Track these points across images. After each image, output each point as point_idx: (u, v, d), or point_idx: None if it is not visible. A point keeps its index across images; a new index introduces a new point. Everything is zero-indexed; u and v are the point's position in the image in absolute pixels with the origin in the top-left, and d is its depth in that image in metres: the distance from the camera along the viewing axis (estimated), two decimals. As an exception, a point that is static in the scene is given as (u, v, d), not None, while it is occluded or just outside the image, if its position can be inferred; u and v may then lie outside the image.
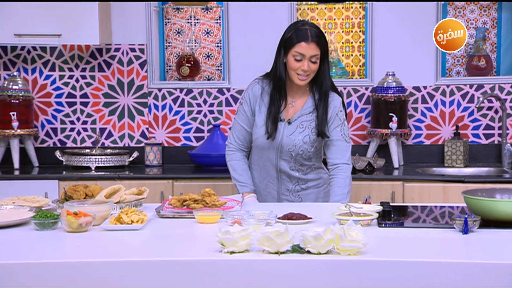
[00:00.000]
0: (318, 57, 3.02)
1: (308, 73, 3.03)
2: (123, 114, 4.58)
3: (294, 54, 3.01)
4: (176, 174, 4.15)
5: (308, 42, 2.99)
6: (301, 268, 2.01)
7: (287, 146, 3.09)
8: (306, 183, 3.16)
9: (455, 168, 4.31)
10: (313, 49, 3.00)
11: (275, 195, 3.17)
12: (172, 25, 4.67)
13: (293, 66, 3.03)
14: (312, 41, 3.00)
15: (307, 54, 3.00)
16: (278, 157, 3.12)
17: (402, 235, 2.34)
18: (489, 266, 1.96)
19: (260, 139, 3.11)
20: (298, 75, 3.04)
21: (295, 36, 3.01)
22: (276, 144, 3.10)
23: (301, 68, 3.01)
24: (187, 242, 2.31)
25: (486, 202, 2.43)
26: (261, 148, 3.13)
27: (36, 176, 4.17)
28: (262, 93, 3.13)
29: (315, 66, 3.03)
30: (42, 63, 4.57)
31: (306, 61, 3.00)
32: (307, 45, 3.00)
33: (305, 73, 3.02)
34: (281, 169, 3.14)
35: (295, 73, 3.04)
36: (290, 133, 3.10)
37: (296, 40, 3.00)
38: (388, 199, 3.90)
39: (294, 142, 3.09)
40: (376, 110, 4.33)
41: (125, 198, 2.70)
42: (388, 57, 4.44)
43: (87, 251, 2.18)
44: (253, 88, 3.16)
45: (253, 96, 3.14)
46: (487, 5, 4.52)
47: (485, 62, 4.46)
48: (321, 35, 3.04)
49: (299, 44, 3.00)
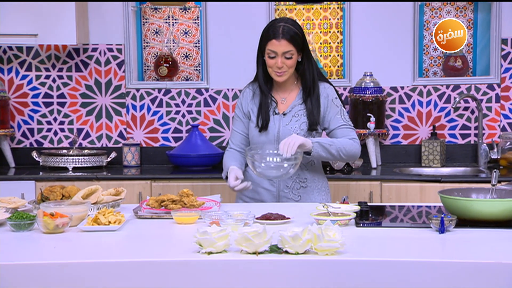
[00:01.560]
0: (292, 53, 3.03)
1: (284, 70, 3.05)
2: (100, 114, 4.55)
3: (268, 52, 3.05)
4: (154, 174, 4.14)
5: (278, 39, 3.01)
6: (279, 268, 2.01)
7: (284, 137, 3.04)
8: (305, 182, 3.14)
9: (432, 168, 4.35)
10: (284, 45, 3.01)
11: (274, 192, 3.14)
12: (150, 25, 4.65)
13: (268, 63, 3.07)
14: (282, 38, 3.01)
15: (278, 51, 3.02)
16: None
17: (380, 234, 2.35)
18: (464, 265, 1.98)
19: (255, 134, 3.12)
20: (275, 72, 3.07)
21: (267, 35, 3.05)
22: (273, 137, 3.10)
23: (276, 65, 3.04)
24: (164, 242, 2.31)
25: (462, 201, 2.45)
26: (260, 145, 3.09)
27: (12, 177, 4.14)
28: (254, 96, 3.17)
29: (290, 61, 3.04)
30: (18, 63, 4.53)
31: (279, 58, 3.02)
32: (278, 42, 3.01)
33: (280, 69, 3.05)
34: None
35: (272, 70, 3.08)
36: (286, 123, 3.11)
37: (267, 38, 3.04)
38: (366, 199, 3.92)
39: (291, 131, 3.07)
40: (354, 111, 4.35)
41: (102, 199, 2.69)
42: (366, 57, 4.46)
43: (64, 252, 2.17)
44: (244, 93, 3.22)
45: (245, 100, 3.19)
46: (463, 6, 4.56)
47: (461, 62, 4.50)
48: (294, 32, 3.04)
49: (270, 42, 3.03)
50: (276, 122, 3.12)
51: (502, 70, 4.45)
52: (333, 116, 3.11)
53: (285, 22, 3.06)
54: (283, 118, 3.12)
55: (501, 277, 1.96)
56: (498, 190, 2.63)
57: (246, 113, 3.18)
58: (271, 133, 3.11)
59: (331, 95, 3.13)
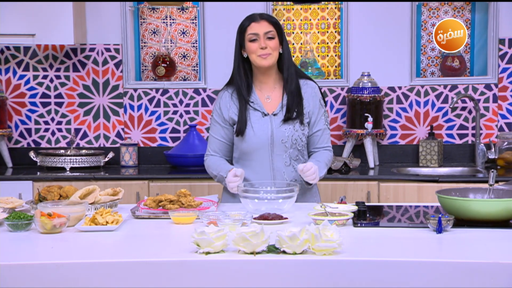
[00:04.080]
0: (273, 33, 2.99)
1: (268, 52, 2.97)
2: (98, 114, 4.55)
3: (249, 36, 3.00)
4: (151, 174, 4.14)
5: (257, 21, 3.00)
6: (276, 268, 2.01)
7: (279, 138, 2.99)
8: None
9: (429, 168, 4.35)
10: (265, 26, 2.99)
11: None
12: (148, 25, 4.65)
13: (251, 48, 2.99)
14: (261, 19, 3.01)
15: (260, 32, 2.98)
16: (271, 154, 3.01)
17: (377, 234, 2.35)
18: (462, 265, 1.98)
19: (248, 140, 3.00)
20: (259, 56, 2.98)
21: (244, 23, 3.04)
22: (267, 140, 2.99)
23: (259, 46, 2.97)
24: (162, 242, 2.31)
25: (459, 201, 2.45)
26: (251, 151, 3.01)
27: (10, 177, 4.13)
28: (231, 98, 3.06)
29: (272, 42, 2.98)
30: (16, 63, 4.52)
31: (261, 39, 2.97)
32: (258, 24, 2.99)
33: (264, 50, 2.97)
34: (275, 167, 3.01)
35: (256, 55, 2.99)
36: (279, 124, 3.01)
37: (246, 26, 3.02)
38: (363, 199, 3.92)
39: (286, 133, 3.00)
40: (351, 111, 4.35)
41: (100, 199, 2.69)
42: (364, 57, 4.47)
43: (61, 252, 2.17)
44: (222, 96, 3.09)
45: (223, 104, 3.06)
46: (461, 6, 4.57)
47: (459, 62, 4.50)
48: (272, 17, 3.06)
49: (250, 27, 3.01)
50: (268, 124, 3.01)
51: (499, 70, 4.46)
52: (318, 118, 3.05)
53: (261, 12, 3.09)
54: (274, 119, 3.02)
55: (498, 277, 1.96)
56: (495, 190, 2.63)
57: (228, 119, 3.04)
58: (264, 136, 3.00)
59: (318, 94, 3.07)
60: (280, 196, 2.66)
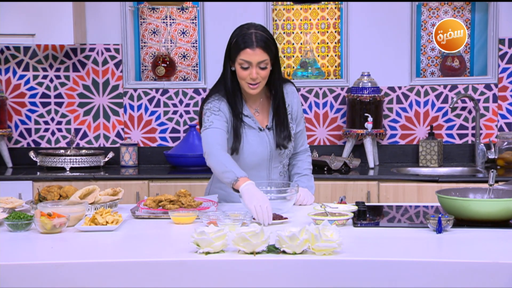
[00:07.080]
0: (267, 62, 2.77)
1: (258, 81, 2.79)
2: (98, 114, 4.55)
3: (240, 62, 2.77)
4: (151, 174, 4.14)
5: (253, 48, 2.74)
6: (276, 268, 2.01)
7: (278, 152, 2.93)
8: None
9: (429, 168, 4.35)
10: (259, 55, 2.75)
11: None
12: (148, 25, 4.65)
13: (241, 75, 2.79)
14: (257, 47, 2.75)
15: (253, 61, 2.75)
16: (269, 167, 2.94)
17: (377, 234, 2.35)
18: (462, 265, 1.98)
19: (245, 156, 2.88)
20: (248, 84, 2.80)
21: (239, 43, 2.77)
22: (267, 156, 2.91)
23: (250, 76, 2.77)
24: (162, 242, 2.31)
25: (459, 201, 2.45)
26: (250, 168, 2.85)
27: (9, 177, 4.13)
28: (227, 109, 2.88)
29: (264, 72, 2.79)
30: (15, 63, 4.52)
31: (253, 68, 2.76)
32: (253, 51, 2.75)
33: (254, 81, 2.78)
34: (272, 178, 2.94)
35: (244, 82, 2.80)
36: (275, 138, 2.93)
37: (241, 47, 2.76)
38: (363, 198, 3.92)
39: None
40: (351, 111, 4.35)
41: (100, 199, 2.69)
42: (364, 57, 4.47)
43: (61, 252, 2.17)
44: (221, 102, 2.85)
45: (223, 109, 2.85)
46: (461, 6, 4.57)
47: (458, 62, 4.50)
48: (267, 39, 2.78)
49: (244, 51, 2.75)
50: (265, 140, 2.90)
51: (499, 70, 4.46)
52: (299, 118, 2.99)
53: (255, 28, 2.79)
54: (270, 133, 2.91)
55: (498, 277, 1.96)
56: (495, 190, 2.63)
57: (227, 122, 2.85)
58: (264, 152, 2.89)
59: (297, 97, 2.99)
60: (280, 196, 2.67)
